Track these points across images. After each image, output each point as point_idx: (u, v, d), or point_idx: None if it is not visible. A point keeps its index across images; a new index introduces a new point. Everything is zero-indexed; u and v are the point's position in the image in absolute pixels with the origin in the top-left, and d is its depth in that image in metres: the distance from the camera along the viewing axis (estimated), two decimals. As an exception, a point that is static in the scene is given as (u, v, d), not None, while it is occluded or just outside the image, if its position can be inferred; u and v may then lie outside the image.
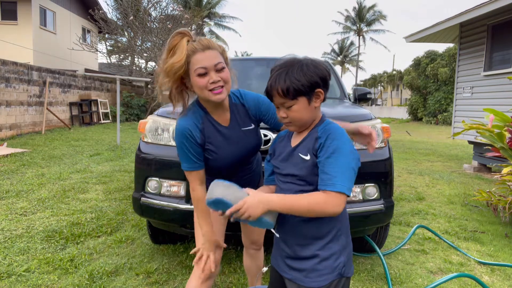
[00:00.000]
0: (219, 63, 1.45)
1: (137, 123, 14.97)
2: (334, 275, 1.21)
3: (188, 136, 1.53)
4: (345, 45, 50.13)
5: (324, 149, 1.15)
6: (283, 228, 1.28)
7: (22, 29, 16.62)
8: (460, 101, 8.14)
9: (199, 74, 1.43)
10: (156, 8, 17.26)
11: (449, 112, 21.92)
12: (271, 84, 1.20)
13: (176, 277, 2.51)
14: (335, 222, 1.24)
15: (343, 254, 1.23)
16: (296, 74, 1.16)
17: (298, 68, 1.17)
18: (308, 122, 1.24)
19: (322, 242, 1.22)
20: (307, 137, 1.25)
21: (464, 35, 8.03)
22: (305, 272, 1.23)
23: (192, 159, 1.56)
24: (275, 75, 1.20)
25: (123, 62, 18.74)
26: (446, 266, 2.81)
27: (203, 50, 1.43)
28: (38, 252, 2.86)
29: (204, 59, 1.43)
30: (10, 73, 9.74)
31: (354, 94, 3.99)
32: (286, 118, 1.22)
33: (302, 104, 1.19)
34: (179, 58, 1.41)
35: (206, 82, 1.44)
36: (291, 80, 1.16)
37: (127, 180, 5.36)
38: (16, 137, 9.74)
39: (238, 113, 1.65)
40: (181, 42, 1.43)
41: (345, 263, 1.23)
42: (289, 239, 1.27)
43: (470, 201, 4.73)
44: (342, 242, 1.24)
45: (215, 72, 1.44)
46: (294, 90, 1.16)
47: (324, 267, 1.21)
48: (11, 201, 4.17)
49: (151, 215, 2.54)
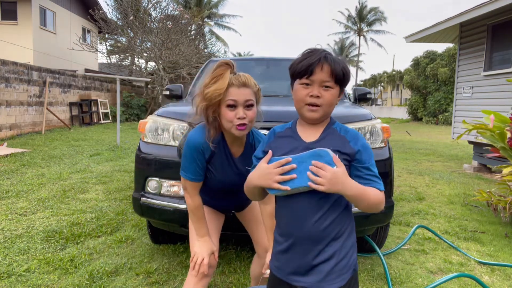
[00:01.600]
0: (249, 101, 1.55)
1: (137, 123, 14.97)
2: (350, 272, 1.23)
3: (201, 151, 1.62)
4: (345, 45, 50.12)
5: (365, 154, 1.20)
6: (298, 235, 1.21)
7: (22, 29, 16.62)
8: (460, 101, 8.14)
9: (228, 105, 1.53)
10: (156, 8, 17.27)
11: (449, 112, 21.92)
12: (323, 58, 1.17)
13: (176, 277, 2.51)
14: (349, 220, 1.26)
15: (354, 250, 1.26)
16: (344, 64, 1.20)
17: (343, 60, 1.21)
18: (328, 114, 1.24)
19: (338, 243, 1.21)
20: (327, 134, 1.24)
21: (464, 35, 8.03)
22: (323, 276, 1.18)
23: (198, 172, 1.66)
24: (328, 53, 1.19)
25: (123, 62, 18.73)
26: (446, 266, 2.81)
27: (238, 87, 1.54)
28: (38, 252, 2.86)
29: (238, 94, 1.53)
30: (10, 73, 9.74)
31: (354, 94, 3.99)
32: (318, 98, 1.18)
33: (335, 92, 1.21)
34: (221, 86, 1.51)
35: (233, 116, 1.53)
36: (343, 66, 1.19)
37: (127, 180, 5.36)
38: (16, 137, 9.74)
39: (250, 152, 1.73)
40: (226, 73, 1.53)
41: (355, 258, 1.25)
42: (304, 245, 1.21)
43: (470, 201, 4.72)
44: (353, 239, 1.27)
45: (243, 108, 1.54)
46: (342, 76, 1.19)
47: (342, 267, 1.21)
48: (11, 201, 4.17)
49: (151, 215, 2.54)
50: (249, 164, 1.72)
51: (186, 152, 1.64)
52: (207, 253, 1.67)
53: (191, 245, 1.73)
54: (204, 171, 1.68)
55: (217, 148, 1.66)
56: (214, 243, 1.75)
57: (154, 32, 16.02)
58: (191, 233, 1.76)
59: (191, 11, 22.27)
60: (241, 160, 1.72)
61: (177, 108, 2.71)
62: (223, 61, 1.56)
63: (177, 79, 16.91)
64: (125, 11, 16.24)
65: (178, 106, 2.83)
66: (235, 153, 1.70)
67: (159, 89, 16.80)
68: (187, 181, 1.67)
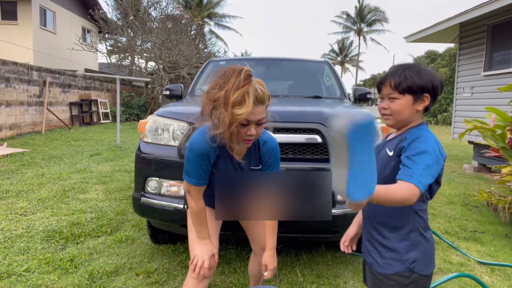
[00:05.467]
0: (262, 119, 1.52)
1: (137, 123, 14.98)
2: (402, 267, 1.28)
3: (206, 156, 1.60)
4: (345, 45, 50.11)
5: (409, 150, 1.23)
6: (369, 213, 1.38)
7: (22, 29, 16.61)
8: (460, 101, 8.14)
9: (242, 124, 1.47)
10: (156, 8, 17.26)
11: (449, 112, 21.92)
12: (386, 76, 1.33)
13: (176, 277, 2.51)
14: (408, 217, 1.30)
15: (413, 250, 1.29)
16: (413, 74, 1.28)
17: (416, 70, 1.30)
18: (405, 121, 1.33)
19: (395, 233, 1.31)
20: (399, 135, 1.34)
21: (464, 35, 8.03)
22: (378, 258, 1.34)
23: (203, 176, 1.64)
24: (393, 69, 1.32)
25: (123, 62, 18.72)
26: (446, 266, 2.81)
27: (255, 105, 1.45)
28: (38, 252, 2.86)
29: (253, 113, 1.46)
30: (10, 73, 9.74)
31: (354, 94, 3.99)
32: (386, 109, 1.33)
33: (407, 101, 1.30)
34: (249, 109, 1.42)
35: (244, 132, 1.50)
36: (405, 77, 1.28)
37: (127, 180, 5.36)
38: (16, 137, 9.73)
39: (253, 153, 1.73)
40: (251, 89, 1.43)
41: (416, 259, 1.28)
42: (370, 224, 1.38)
43: (470, 201, 4.72)
44: (414, 238, 1.30)
45: (255, 126, 1.50)
46: (406, 86, 1.28)
47: (393, 257, 1.30)
48: (11, 201, 4.17)
49: (151, 215, 2.54)
50: (253, 164, 1.72)
51: (190, 158, 1.61)
52: (208, 255, 1.66)
53: (191, 247, 1.72)
54: (209, 175, 1.66)
55: (222, 151, 1.64)
56: (214, 244, 1.74)
57: (154, 32, 16.01)
58: (191, 235, 1.75)
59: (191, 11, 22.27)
60: (244, 161, 1.71)
61: (177, 108, 2.71)
62: (249, 72, 1.46)
63: (177, 79, 16.91)
64: (125, 11, 16.24)
65: (178, 106, 2.83)
66: (239, 155, 1.69)
67: (159, 89, 16.80)
68: (192, 187, 1.65)
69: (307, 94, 3.66)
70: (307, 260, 2.86)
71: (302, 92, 3.79)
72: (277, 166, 1.77)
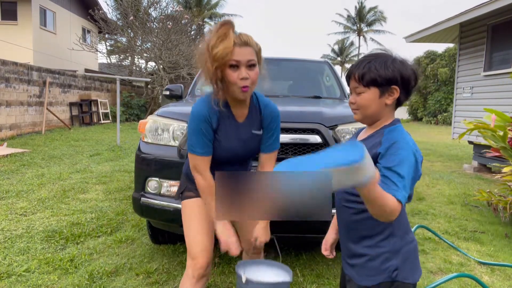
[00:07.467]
0: (251, 60, 1.52)
1: (137, 123, 14.96)
2: (383, 277, 1.19)
3: (208, 120, 1.59)
4: (345, 45, 50.12)
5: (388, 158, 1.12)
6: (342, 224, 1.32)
7: (22, 29, 16.62)
8: (460, 101, 8.14)
9: (231, 65, 1.49)
10: (156, 8, 17.26)
11: (449, 112, 21.93)
12: (351, 68, 1.25)
13: (176, 277, 2.51)
14: (386, 224, 1.19)
15: (395, 258, 1.20)
16: (378, 65, 1.19)
17: (381, 60, 1.20)
18: (374, 116, 1.24)
19: (370, 242, 1.22)
20: (373, 135, 1.25)
21: (464, 35, 8.03)
22: (357, 269, 1.25)
23: (207, 143, 1.61)
24: (359, 61, 1.24)
25: (123, 62, 18.72)
26: (446, 266, 2.81)
27: (240, 46, 1.50)
28: (38, 252, 2.86)
29: (240, 53, 1.49)
30: (10, 73, 9.74)
31: (354, 94, 3.98)
32: (353, 104, 1.25)
33: (373, 95, 1.20)
34: (229, 45, 1.47)
35: (236, 77, 1.50)
36: (369, 68, 1.19)
37: (127, 180, 5.36)
38: (16, 137, 9.73)
39: (254, 115, 1.71)
40: (230, 32, 1.49)
41: (397, 267, 1.19)
42: (345, 235, 1.30)
43: (470, 201, 4.73)
44: (394, 245, 1.20)
45: (245, 68, 1.51)
46: (370, 78, 1.19)
47: (372, 267, 1.21)
48: (11, 201, 4.17)
49: (151, 215, 2.54)
50: (254, 128, 1.70)
51: (192, 126, 1.59)
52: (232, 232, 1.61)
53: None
54: (212, 142, 1.63)
55: (223, 114, 1.63)
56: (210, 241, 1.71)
57: (154, 32, 16.01)
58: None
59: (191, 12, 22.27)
60: (246, 124, 1.69)
61: (177, 108, 2.72)
62: (225, 21, 1.52)
63: (177, 79, 16.91)
64: (125, 11, 16.23)
65: (178, 106, 2.83)
66: (239, 117, 1.67)
67: (159, 89, 16.80)
68: (197, 158, 1.61)
69: (307, 94, 3.66)
70: (307, 260, 2.86)
71: (302, 92, 3.79)
72: (278, 132, 1.76)
